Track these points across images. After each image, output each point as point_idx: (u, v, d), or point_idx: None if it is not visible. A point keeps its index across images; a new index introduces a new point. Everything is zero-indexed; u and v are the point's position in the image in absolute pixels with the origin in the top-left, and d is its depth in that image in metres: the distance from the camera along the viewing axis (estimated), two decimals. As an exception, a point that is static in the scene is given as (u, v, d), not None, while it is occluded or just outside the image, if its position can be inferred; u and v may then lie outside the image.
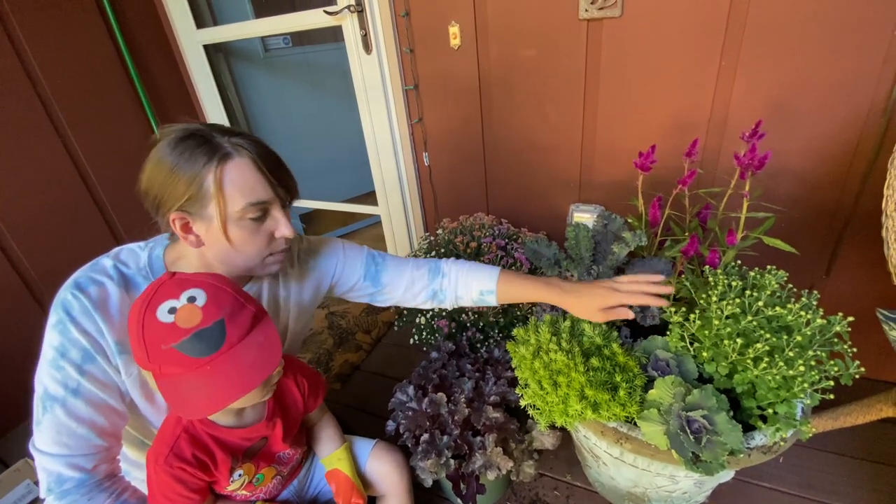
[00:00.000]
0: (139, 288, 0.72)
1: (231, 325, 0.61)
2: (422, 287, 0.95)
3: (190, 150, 0.67)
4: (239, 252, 0.73)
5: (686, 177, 0.95)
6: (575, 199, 1.50)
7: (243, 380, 0.61)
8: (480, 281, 0.92)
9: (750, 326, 0.79)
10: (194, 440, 0.71)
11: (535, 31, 1.30)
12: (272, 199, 0.72)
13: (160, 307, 0.59)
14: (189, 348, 0.58)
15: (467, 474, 0.94)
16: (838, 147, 1.11)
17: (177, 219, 0.69)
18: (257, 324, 0.65)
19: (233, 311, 0.62)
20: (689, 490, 0.93)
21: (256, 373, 0.62)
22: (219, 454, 0.72)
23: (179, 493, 0.70)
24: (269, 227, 0.74)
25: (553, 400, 0.85)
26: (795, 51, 1.06)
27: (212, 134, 0.69)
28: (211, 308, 0.60)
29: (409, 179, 1.76)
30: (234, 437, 0.74)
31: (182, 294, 0.60)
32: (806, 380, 0.74)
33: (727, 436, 0.74)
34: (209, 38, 1.85)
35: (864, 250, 1.18)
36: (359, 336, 1.83)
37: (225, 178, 0.67)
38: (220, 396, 0.60)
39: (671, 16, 1.13)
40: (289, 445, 0.82)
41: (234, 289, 0.66)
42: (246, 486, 0.78)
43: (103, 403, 0.70)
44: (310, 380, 0.88)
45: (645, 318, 0.95)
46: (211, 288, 0.62)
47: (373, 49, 1.53)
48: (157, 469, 0.69)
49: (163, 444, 0.70)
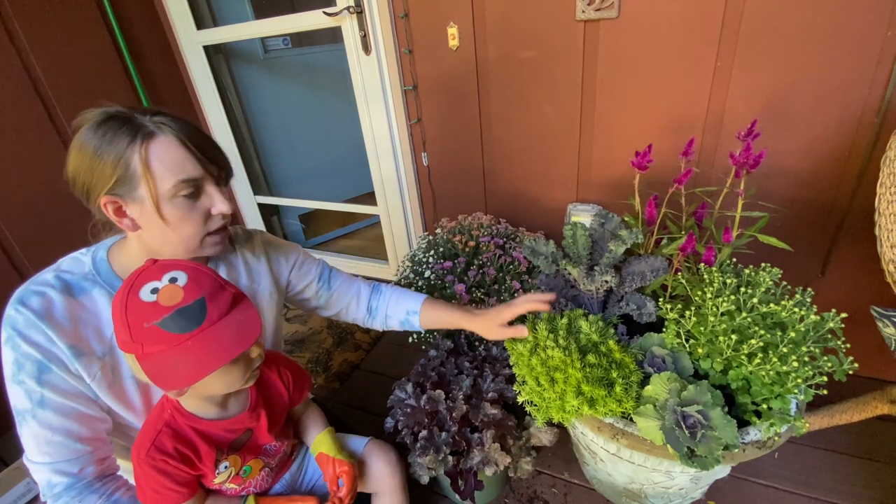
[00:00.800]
0: (86, 292, 0.72)
1: (211, 303, 0.63)
2: (364, 301, 1.03)
3: (112, 132, 0.66)
4: (176, 232, 0.72)
5: (682, 175, 0.95)
6: (573, 199, 1.51)
7: (224, 350, 0.63)
8: (408, 303, 1.01)
9: (744, 323, 0.80)
10: (176, 434, 0.72)
11: (532, 32, 1.31)
12: (203, 175, 0.71)
13: (143, 288, 0.61)
14: (171, 325, 0.60)
15: (465, 470, 0.94)
16: (833, 146, 1.12)
17: (108, 203, 0.68)
18: (237, 304, 0.67)
19: (212, 291, 0.64)
20: (686, 486, 0.94)
21: (237, 345, 0.64)
22: (202, 447, 0.73)
23: (166, 486, 0.71)
24: (204, 204, 0.73)
25: (550, 396, 0.86)
26: (790, 51, 1.07)
27: (133, 114, 0.68)
28: (192, 287, 0.62)
29: (407, 179, 1.77)
30: (217, 429, 0.75)
31: (164, 276, 0.62)
32: (799, 375, 0.74)
33: (722, 431, 0.74)
34: (209, 39, 1.86)
35: (859, 249, 1.19)
36: (358, 335, 1.83)
37: (151, 157, 0.66)
38: (203, 365, 0.62)
39: (667, 17, 1.15)
40: (275, 438, 0.83)
41: (214, 273, 0.67)
42: (233, 478, 0.78)
43: (73, 411, 0.70)
44: (294, 373, 0.89)
45: (641, 315, 0.96)
46: (191, 270, 0.65)
47: (372, 50, 1.54)
48: (141, 462, 0.70)
49: (145, 439, 0.71)
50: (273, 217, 2.42)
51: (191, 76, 1.97)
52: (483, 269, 1.29)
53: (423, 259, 1.37)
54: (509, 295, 1.25)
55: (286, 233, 2.52)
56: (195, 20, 1.82)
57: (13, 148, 1.46)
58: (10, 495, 1.24)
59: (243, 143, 2.16)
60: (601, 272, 0.96)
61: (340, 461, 0.85)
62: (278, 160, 2.39)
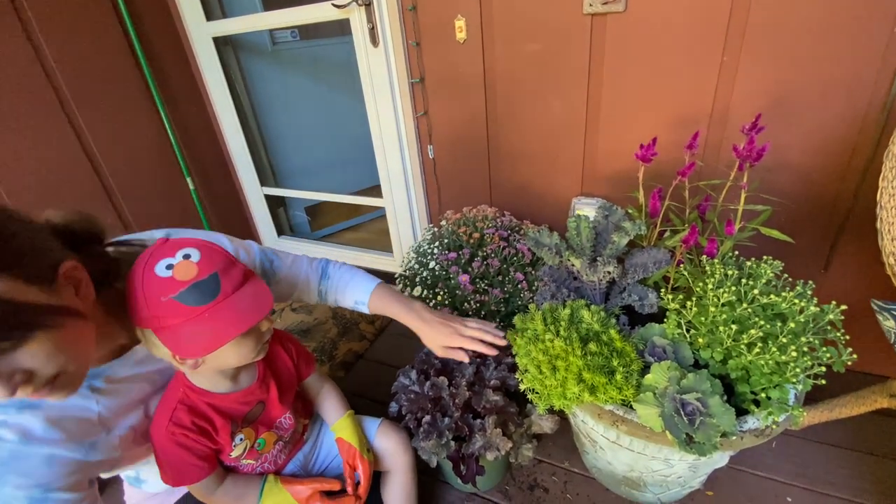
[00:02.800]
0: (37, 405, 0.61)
1: (224, 277, 0.65)
2: (315, 285, 0.98)
3: None
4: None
5: (686, 168, 0.96)
6: (577, 192, 1.52)
7: (241, 319, 0.66)
8: (356, 292, 0.96)
9: (745, 314, 0.81)
10: (192, 409, 0.74)
11: (540, 25, 1.32)
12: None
13: (158, 264, 0.63)
14: (188, 298, 0.62)
15: (467, 455, 0.96)
16: (838, 142, 1.12)
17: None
18: (248, 279, 0.70)
19: (225, 266, 0.67)
20: (684, 474, 0.96)
21: (253, 314, 0.67)
22: (217, 420, 0.76)
23: (187, 462, 0.74)
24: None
25: (551, 383, 0.87)
26: (797, 46, 1.07)
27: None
28: (205, 263, 0.65)
29: (413, 172, 1.78)
30: (230, 402, 0.78)
31: (177, 253, 0.64)
32: (798, 365, 0.76)
33: (720, 418, 0.76)
34: (218, 31, 1.87)
35: (862, 245, 1.20)
36: (362, 326, 1.86)
37: None
38: (221, 334, 0.64)
39: (674, 11, 1.15)
40: (287, 409, 0.86)
41: (224, 250, 0.70)
42: (249, 452, 0.81)
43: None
44: (297, 346, 0.93)
45: (643, 306, 0.97)
46: (203, 247, 0.67)
47: (380, 42, 1.55)
48: (161, 439, 0.73)
49: (162, 417, 0.73)
50: (279, 209, 2.44)
51: (200, 67, 1.98)
52: (487, 260, 1.31)
53: (428, 250, 1.38)
54: (513, 286, 1.26)
55: (292, 224, 2.54)
56: (205, 11, 1.84)
57: (24, 136, 1.49)
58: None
59: (251, 134, 2.18)
60: (604, 263, 0.97)
61: (362, 458, 0.89)
62: (285, 152, 2.41)
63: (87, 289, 0.59)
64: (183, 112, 1.97)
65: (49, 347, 0.51)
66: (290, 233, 2.50)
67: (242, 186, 2.29)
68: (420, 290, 1.33)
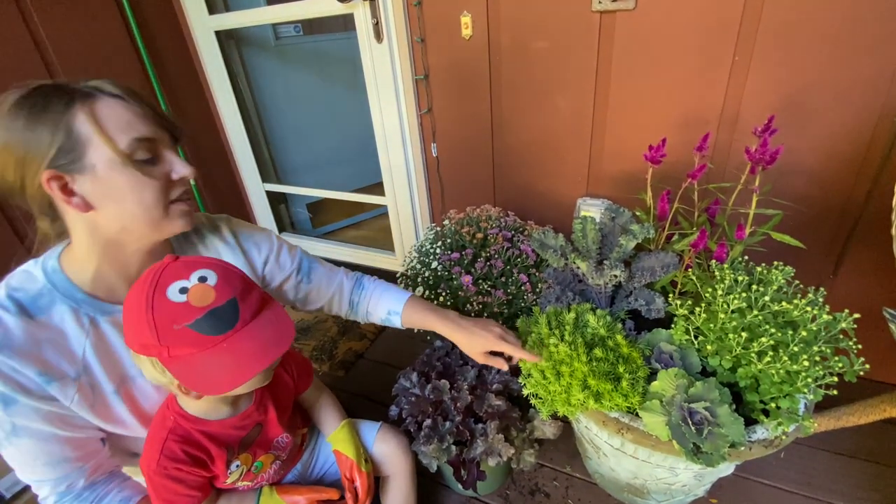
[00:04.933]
0: (45, 310, 0.64)
1: (243, 303, 0.61)
2: (346, 295, 0.98)
3: (43, 100, 0.57)
4: (136, 204, 0.63)
5: (696, 170, 0.94)
6: (583, 193, 1.50)
7: (263, 351, 0.61)
8: (389, 302, 0.96)
9: (755, 321, 0.79)
10: (184, 439, 0.70)
11: (547, 22, 1.29)
12: (157, 135, 0.64)
13: (170, 287, 0.57)
14: (204, 327, 0.57)
15: (468, 460, 0.95)
16: (850, 146, 1.10)
17: (51, 179, 0.58)
18: (266, 304, 0.65)
19: (243, 290, 0.62)
20: (689, 483, 0.94)
21: (276, 345, 0.62)
22: (213, 449, 0.71)
23: (179, 493, 0.70)
24: (162, 168, 0.65)
25: (556, 389, 0.86)
26: (809, 48, 1.05)
27: (60, 83, 0.60)
28: (222, 286, 0.59)
29: (416, 170, 1.76)
30: (225, 427, 0.73)
31: (192, 274, 0.59)
32: (810, 375, 0.74)
33: (729, 428, 0.74)
34: (221, 24, 1.85)
35: (873, 251, 1.17)
36: (363, 325, 1.84)
37: (99, 117, 0.58)
38: (245, 368, 0.60)
39: (685, 9, 1.13)
40: (284, 429, 0.81)
41: (241, 271, 0.65)
42: (245, 475, 0.78)
43: (51, 436, 0.65)
44: (297, 362, 0.89)
45: (650, 311, 0.96)
46: (219, 268, 0.61)
47: (384, 38, 1.53)
48: (152, 475, 0.68)
49: (152, 450, 0.69)
50: (281, 205, 2.42)
51: (202, 61, 1.96)
52: (490, 261, 1.29)
53: (431, 250, 1.36)
54: (516, 288, 1.24)
55: (294, 221, 2.53)
56: (207, 5, 1.82)
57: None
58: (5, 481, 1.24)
59: (253, 129, 2.16)
60: (610, 266, 0.95)
61: (360, 470, 0.86)
62: (287, 148, 2.39)
63: None
64: (184, 106, 1.95)
65: None
66: (291, 229, 2.49)
67: (244, 182, 2.28)
68: (422, 290, 1.31)
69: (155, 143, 0.64)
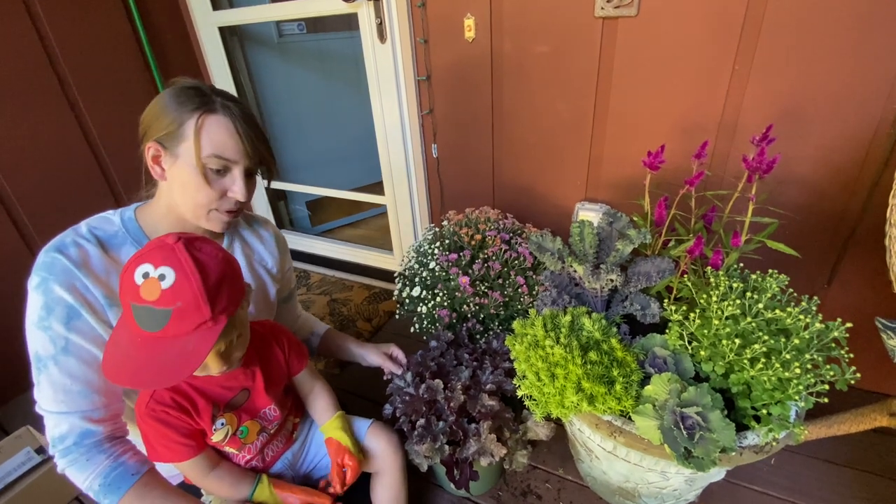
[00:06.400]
0: (117, 248, 0.78)
1: (176, 319, 0.61)
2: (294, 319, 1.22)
3: (186, 97, 0.75)
4: (191, 196, 0.78)
5: (694, 177, 0.95)
6: (581, 198, 1.51)
7: (147, 371, 0.62)
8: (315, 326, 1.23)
9: (749, 328, 0.80)
10: (173, 388, 0.74)
11: (549, 26, 1.30)
12: (237, 159, 0.78)
13: (139, 267, 0.62)
14: (137, 315, 0.62)
15: (461, 460, 0.95)
16: (847, 156, 1.11)
17: (152, 147, 0.76)
18: (197, 331, 0.64)
19: (186, 308, 0.62)
20: (680, 487, 0.94)
21: (169, 373, 0.62)
22: (199, 401, 0.75)
23: (172, 439, 0.73)
24: (225, 183, 0.79)
25: (550, 391, 0.86)
26: (809, 58, 1.06)
27: (210, 91, 0.77)
28: (169, 294, 0.61)
29: (416, 170, 1.77)
30: (212, 384, 0.77)
31: (161, 266, 0.61)
32: (801, 382, 0.74)
33: (720, 433, 0.75)
34: (224, 21, 1.86)
35: (867, 261, 1.19)
36: (359, 324, 1.84)
37: (203, 127, 0.74)
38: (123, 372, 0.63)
39: (687, 17, 1.14)
40: (272, 401, 0.84)
41: (202, 287, 0.63)
42: (231, 439, 0.80)
43: (95, 360, 0.73)
44: (290, 340, 0.92)
45: (645, 316, 0.96)
46: (183, 273, 0.61)
47: (387, 38, 1.54)
48: (143, 417, 0.72)
49: (144, 395, 0.74)
50: (280, 202, 2.43)
51: (205, 57, 1.97)
52: (488, 262, 1.29)
53: (429, 250, 1.37)
54: (513, 290, 1.25)
55: (293, 218, 2.53)
56: (211, 1, 1.82)
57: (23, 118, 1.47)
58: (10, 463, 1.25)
59: (254, 126, 2.16)
60: (607, 270, 0.96)
61: (351, 456, 0.88)
62: (288, 146, 2.39)
63: None
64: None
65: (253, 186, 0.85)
66: (290, 227, 2.49)
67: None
68: (419, 290, 1.31)
69: (231, 164, 0.78)
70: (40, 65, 1.48)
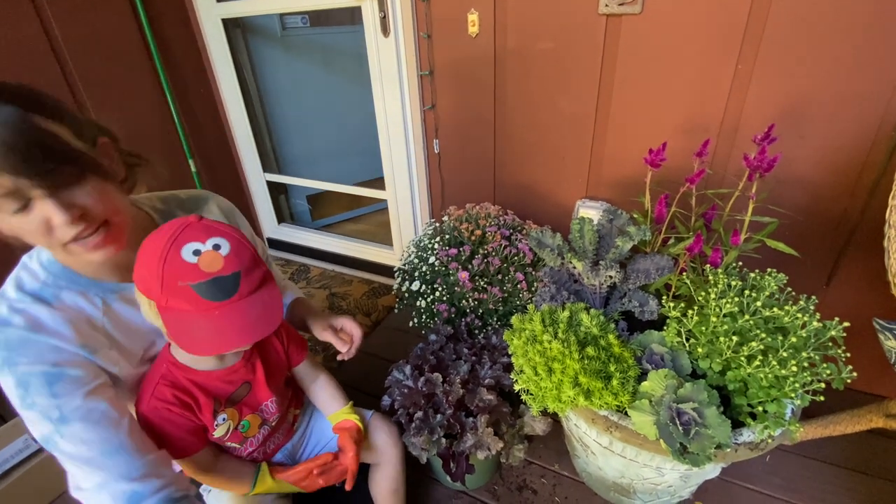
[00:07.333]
0: (58, 298, 0.65)
1: (245, 278, 0.63)
2: None
3: None
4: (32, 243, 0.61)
5: (694, 175, 0.95)
6: (582, 195, 1.51)
7: (247, 330, 0.64)
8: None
9: (746, 325, 0.80)
10: (174, 384, 0.74)
11: (553, 23, 1.30)
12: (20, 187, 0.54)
13: (185, 246, 0.61)
14: (205, 291, 0.60)
15: (458, 453, 0.96)
16: (848, 158, 1.11)
17: None
18: (265, 284, 0.68)
19: (250, 266, 0.65)
20: (675, 483, 0.95)
21: (260, 326, 0.65)
22: (200, 397, 0.75)
23: (174, 435, 0.73)
24: (37, 217, 0.57)
25: (547, 386, 0.86)
26: (811, 59, 1.06)
27: None
28: (232, 259, 0.63)
29: (417, 165, 1.77)
30: (213, 379, 0.76)
31: (208, 239, 0.62)
32: (798, 380, 0.75)
33: (716, 429, 0.75)
34: (228, 12, 1.85)
35: (866, 262, 1.19)
36: (359, 318, 1.84)
37: None
38: (223, 341, 0.63)
39: (691, 16, 1.13)
40: (273, 394, 0.85)
41: (253, 248, 0.67)
42: (232, 434, 0.80)
43: (100, 416, 0.63)
44: (289, 332, 0.91)
45: (643, 312, 0.96)
46: (234, 241, 0.64)
47: (391, 32, 1.53)
48: (145, 413, 0.72)
49: (146, 392, 0.73)
50: (280, 196, 2.43)
51: (208, 49, 1.96)
52: (488, 258, 1.30)
53: (429, 245, 1.37)
54: (512, 286, 1.25)
55: (293, 212, 2.53)
56: (215, -8, 1.82)
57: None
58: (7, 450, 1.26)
59: (256, 119, 2.16)
60: (606, 267, 0.96)
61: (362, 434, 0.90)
62: (289, 139, 2.39)
63: (119, 168, 0.68)
64: (188, 93, 1.95)
65: (99, 191, 0.60)
66: (290, 220, 2.49)
67: (245, 171, 2.28)
68: (419, 284, 1.32)
69: (11, 193, 0.54)
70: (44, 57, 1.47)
